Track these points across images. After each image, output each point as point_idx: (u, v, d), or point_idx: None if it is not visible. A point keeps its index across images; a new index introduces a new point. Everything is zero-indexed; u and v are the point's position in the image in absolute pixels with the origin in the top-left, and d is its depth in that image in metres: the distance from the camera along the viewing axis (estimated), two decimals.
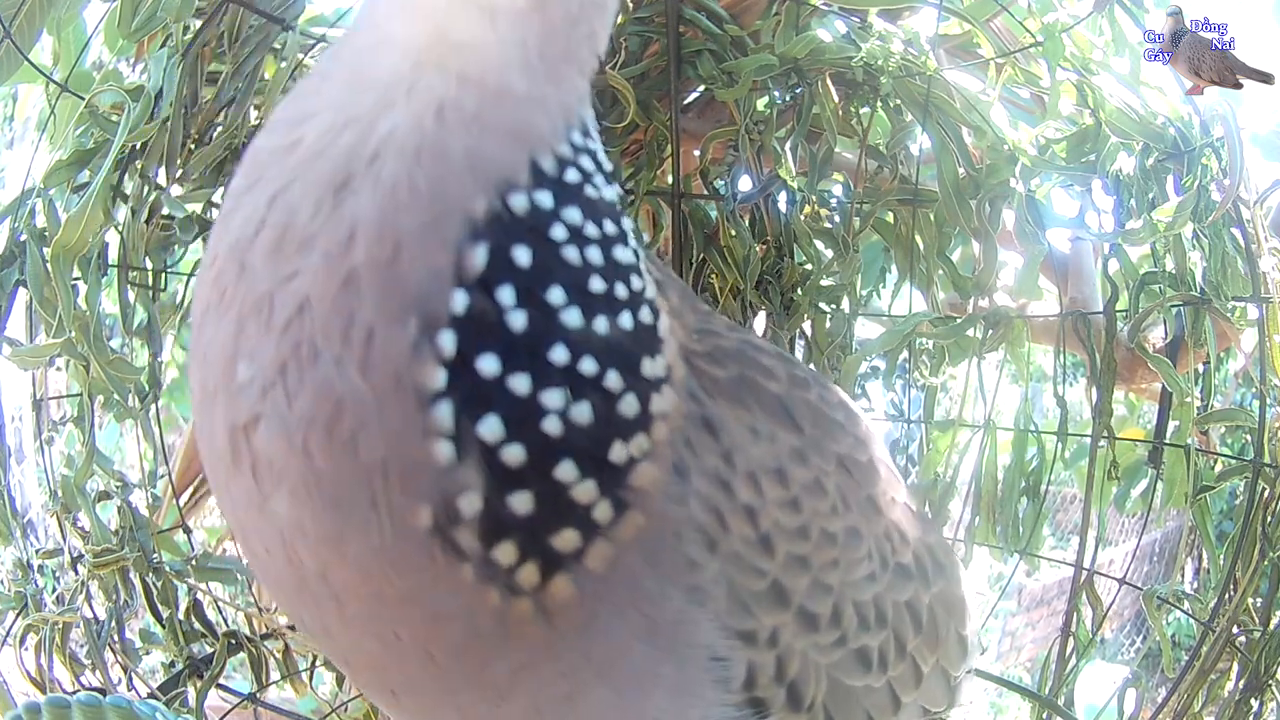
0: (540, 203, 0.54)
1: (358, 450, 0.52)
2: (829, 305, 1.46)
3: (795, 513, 0.67)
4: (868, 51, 1.33)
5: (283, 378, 0.52)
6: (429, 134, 0.52)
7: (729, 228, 1.43)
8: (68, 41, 1.43)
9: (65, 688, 1.38)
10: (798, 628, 0.67)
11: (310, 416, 0.52)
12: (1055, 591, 4.29)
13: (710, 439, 0.63)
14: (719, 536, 0.62)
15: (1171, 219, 1.24)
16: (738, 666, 0.64)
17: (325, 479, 0.52)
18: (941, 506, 1.44)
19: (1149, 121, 1.29)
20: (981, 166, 1.33)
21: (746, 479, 0.64)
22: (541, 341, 0.53)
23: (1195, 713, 1.30)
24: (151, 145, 1.30)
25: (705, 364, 0.66)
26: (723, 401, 0.65)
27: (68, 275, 1.25)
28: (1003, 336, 1.38)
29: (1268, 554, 1.25)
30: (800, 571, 0.67)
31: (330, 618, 0.58)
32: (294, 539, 0.55)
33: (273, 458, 0.53)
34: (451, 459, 0.52)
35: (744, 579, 0.64)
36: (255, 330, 0.53)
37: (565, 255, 0.54)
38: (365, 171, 0.52)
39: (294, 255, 0.53)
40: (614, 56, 1.40)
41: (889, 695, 0.77)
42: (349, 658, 0.64)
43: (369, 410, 0.51)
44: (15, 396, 1.46)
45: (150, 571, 1.37)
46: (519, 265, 0.53)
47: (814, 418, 0.72)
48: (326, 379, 0.52)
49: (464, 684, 0.60)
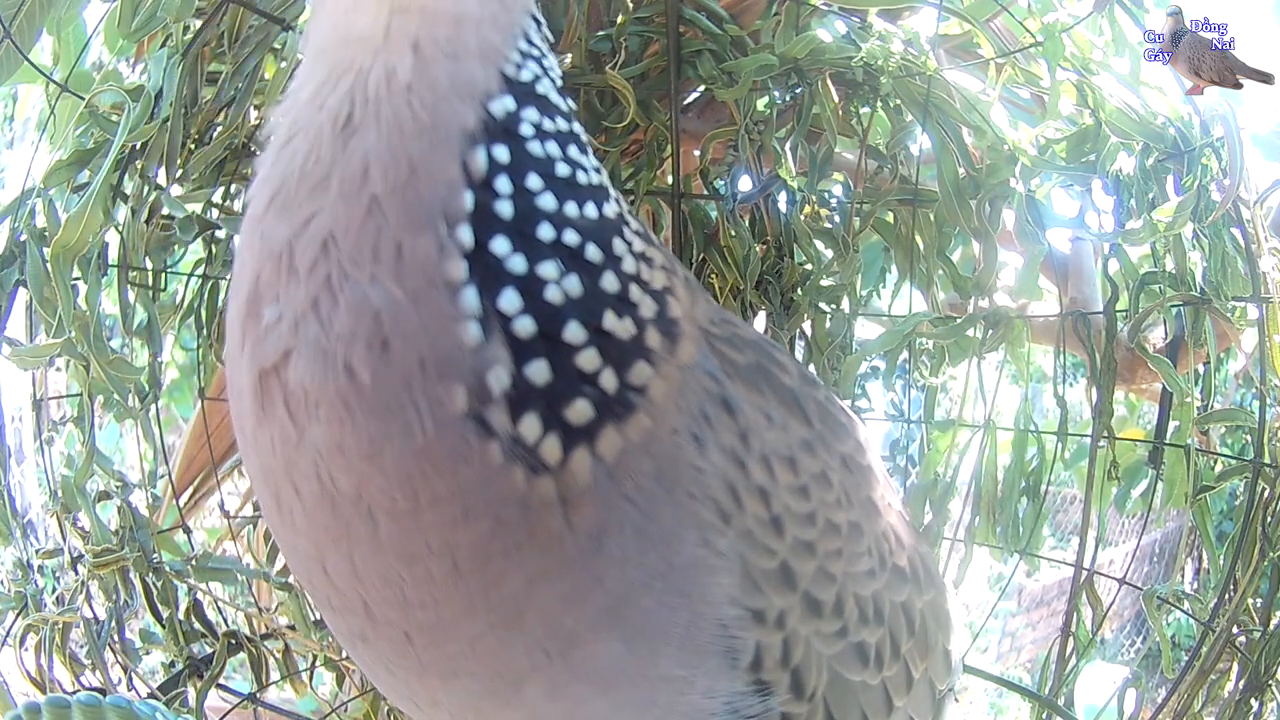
0: (507, 105, 0.61)
1: (396, 353, 0.56)
2: (829, 305, 1.46)
3: (804, 500, 0.70)
4: (868, 51, 1.33)
5: (315, 309, 0.57)
6: (412, 68, 0.58)
7: (729, 228, 1.43)
8: (68, 41, 1.43)
9: (65, 688, 1.38)
10: (803, 613, 0.69)
11: (351, 333, 0.56)
12: (1055, 591, 4.29)
13: (728, 418, 0.67)
14: (732, 511, 0.65)
15: (1171, 219, 1.24)
16: (747, 644, 0.65)
17: (366, 391, 0.57)
18: (941, 506, 1.44)
19: (1149, 121, 1.29)
20: (981, 166, 1.33)
21: (760, 461, 0.67)
22: (530, 222, 0.60)
23: (1195, 713, 1.30)
24: (151, 145, 1.30)
25: (725, 348, 0.70)
26: (740, 385, 0.69)
27: (68, 275, 1.24)
28: (1003, 336, 1.38)
29: (1268, 554, 1.25)
30: (807, 557, 0.69)
31: (361, 546, 0.61)
32: (332, 464, 0.58)
33: (308, 386, 0.58)
34: (479, 338, 0.57)
35: (755, 556, 0.66)
36: (276, 277, 0.58)
37: (531, 148, 0.61)
38: (364, 112, 0.58)
39: (307, 200, 0.59)
40: (614, 56, 1.40)
41: (883, 696, 0.78)
42: (369, 598, 0.64)
43: (406, 313, 0.56)
44: (15, 396, 1.46)
45: (150, 571, 1.37)
46: (501, 161, 0.60)
47: (822, 415, 0.75)
48: (361, 296, 0.56)
49: (482, 602, 0.61)
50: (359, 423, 0.57)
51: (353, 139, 0.58)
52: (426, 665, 0.66)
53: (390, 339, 0.56)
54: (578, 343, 0.59)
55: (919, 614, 0.82)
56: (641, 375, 0.62)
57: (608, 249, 0.62)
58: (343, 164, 0.58)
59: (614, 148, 1.46)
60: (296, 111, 0.62)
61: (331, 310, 0.57)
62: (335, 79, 0.60)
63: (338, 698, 1.53)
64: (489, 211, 0.58)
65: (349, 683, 1.52)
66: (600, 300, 0.61)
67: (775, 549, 0.67)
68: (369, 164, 0.57)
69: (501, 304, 0.57)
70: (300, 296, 0.57)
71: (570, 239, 0.61)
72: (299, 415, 0.58)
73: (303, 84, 0.63)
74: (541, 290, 0.59)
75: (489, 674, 0.64)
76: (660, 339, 0.63)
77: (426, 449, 0.57)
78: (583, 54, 1.40)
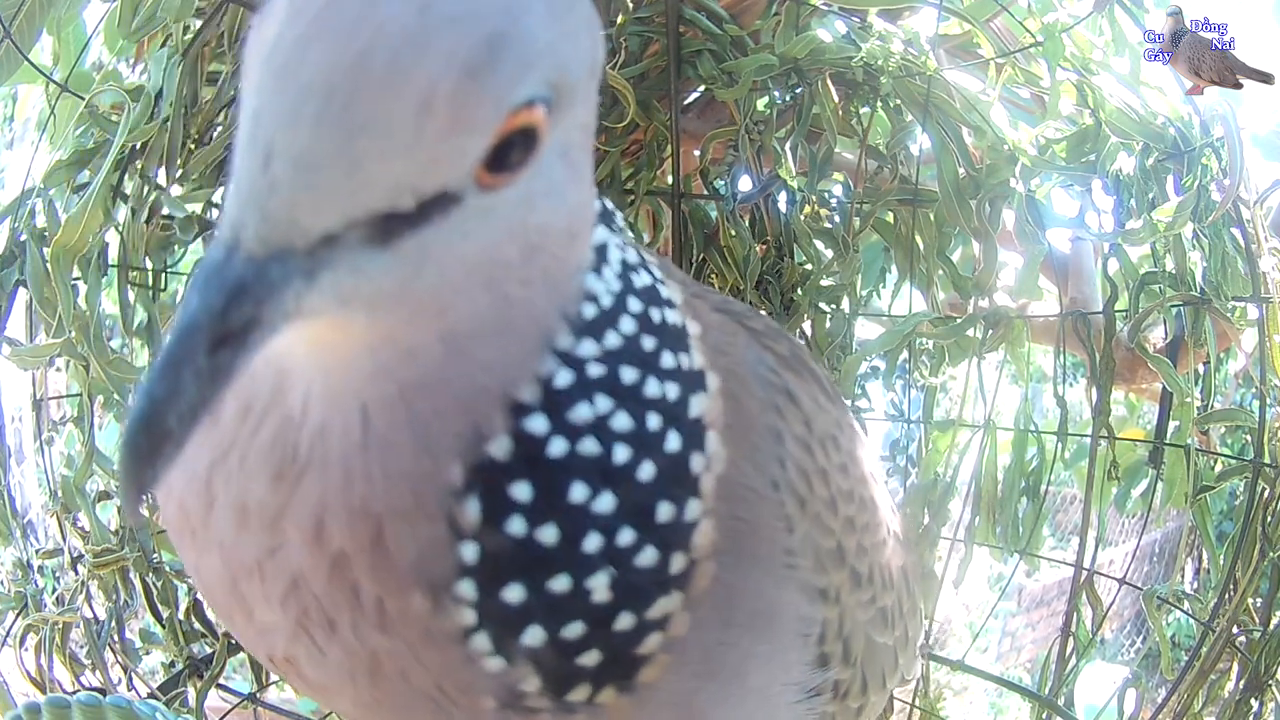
0: (531, 430, 0.50)
1: (408, 680, 0.52)
2: (829, 305, 1.46)
3: (846, 477, 0.71)
4: (868, 51, 1.33)
5: (307, 634, 0.52)
6: (358, 437, 0.48)
7: (729, 228, 1.43)
8: (68, 41, 1.43)
9: (65, 688, 1.38)
10: (850, 586, 0.70)
11: (349, 668, 0.52)
12: (1055, 591, 4.29)
13: (794, 407, 0.66)
14: (807, 497, 0.64)
15: (1171, 219, 1.24)
16: (816, 623, 0.66)
17: (382, 698, 0.54)
18: (941, 506, 1.44)
19: (1149, 121, 1.29)
20: (981, 166, 1.33)
21: (820, 443, 0.68)
22: (572, 542, 0.51)
23: (1195, 713, 1.30)
24: (151, 145, 1.30)
25: (770, 341, 0.70)
26: (789, 374, 0.69)
27: (68, 275, 1.24)
28: (1003, 336, 1.38)
29: (1268, 554, 1.25)
30: (851, 533, 0.71)
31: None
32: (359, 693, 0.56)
33: (325, 684, 0.55)
34: (503, 666, 0.52)
35: (821, 538, 0.66)
36: (256, 593, 0.52)
37: (580, 452, 0.51)
38: (312, 460, 0.49)
39: (268, 531, 0.50)
40: (614, 56, 1.40)
41: (893, 655, 0.81)
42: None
43: (404, 656, 0.51)
44: (15, 396, 1.46)
45: (150, 571, 1.37)
46: (520, 500, 0.50)
47: (835, 392, 0.78)
48: (348, 639, 0.51)
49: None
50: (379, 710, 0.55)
51: (303, 480, 0.49)
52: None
53: (404, 671, 0.52)
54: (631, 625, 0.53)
55: (909, 577, 0.85)
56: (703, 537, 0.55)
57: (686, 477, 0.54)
58: (294, 509, 0.49)
59: (614, 148, 1.46)
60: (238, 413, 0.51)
61: (326, 642, 0.52)
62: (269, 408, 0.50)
63: None
64: (503, 555, 0.50)
65: None
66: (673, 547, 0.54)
67: (834, 528, 0.68)
68: (322, 518, 0.49)
69: (524, 640, 0.51)
70: (285, 624, 0.52)
71: (626, 539, 0.51)
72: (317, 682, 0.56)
73: None
74: (588, 598, 0.51)
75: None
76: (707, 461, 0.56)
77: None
78: None
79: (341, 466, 0.49)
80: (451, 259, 0.43)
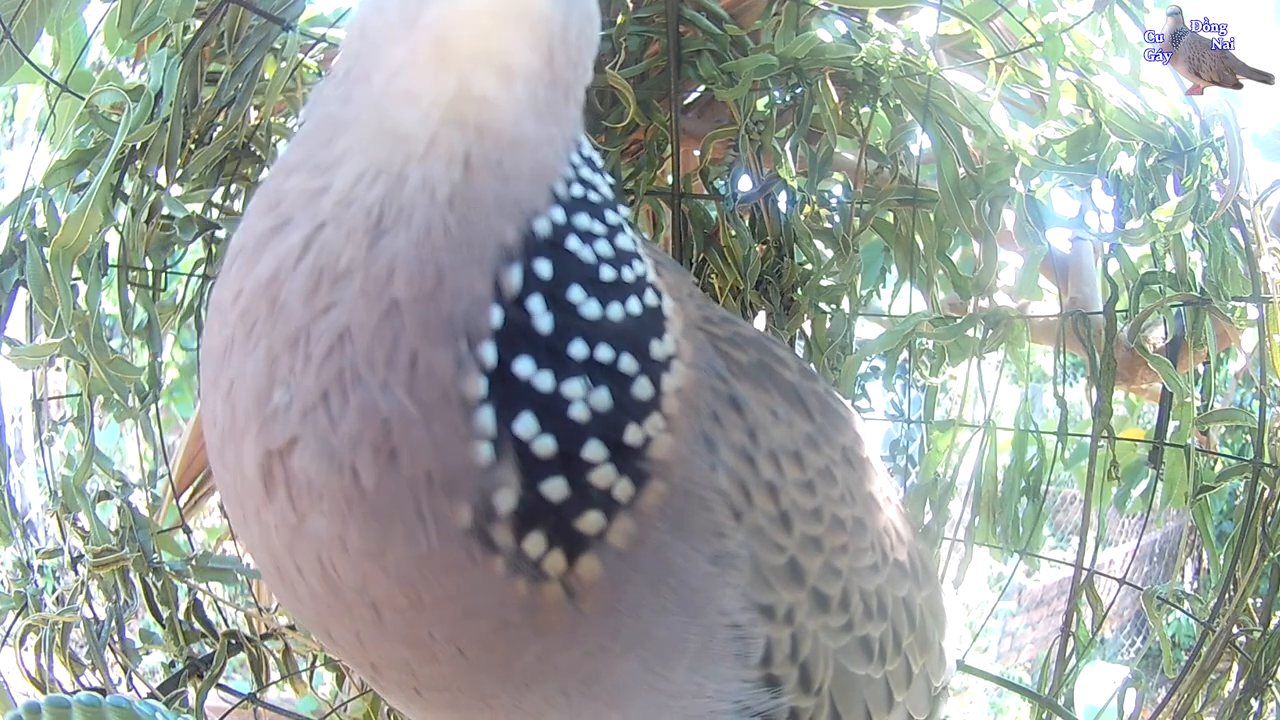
0: (556, 219, 0.59)
1: (403, 464, 0.55)
2: (829, 305, 1.46)
3: (810, 495, 0.71)
4: (868, 51, 1.33)
5: (325, 402, 0.55)
6: (457, 183, 0.56)
7: (729, 228, 1.43)
8: (68, 41, 1.43)
9: (65, 688, 1.38)
10: (811, 608, 0.70)
11: (357, 437, 0.55)
12: (1055, 591, 4.29)
13: (737, 416, 0.67)
14: (744, 508, 0.65)
15: (1171, 219, 1.24)
16: (756, 640, 0.66)
17: (369, 494, 0.55)
18: (941, 506, 1.44)
19: (1149, 121, 1.29)
20: (981, 166, 1.33)
21: (768, 457, 0.68)
22: (564, 339, 0.57)
23: (1195, 713, 1.30)
24: (151, 145, 1.30)
25: (728, 347, 0.71)
26: (746, 383, 0.69)
27: (68, 275, 1.24)
28: (1003, 336, 1.38)
29: (1268, 554, 1.25)
30: (814, 552, 0.70)
31: (365, 628, 0.61)
32: (333, 555, 0.57)
33: (312, 477, 0.56)
34: (490, 459, 0.55)
35: (765, 553, 0.66)
36: (290, 360, 0.56)
37: (580, 257, 0.59)
38: (398, 216, 0.56)
39: (329, 290, 0.56)
40: (614, 56, 1.40)
41: (885, 690, 0.79)
42: (376, 662, 0.65)
43: (416, 426, 0.54)
44: (15, 396, 1.46)
45: (150, 571, 1.37)
46: (542, 276, 0.57)
47: (823, 409, 0.76)
48: (371, 401, 0.55)
49: (491, 676, 0.62)
50: (361, 523, 0.56)
51: (383, 239, 0.56)
52: (438, 708, 0.68)
53: (398, 449, 0.55)
54: (598, 460, 0.58)
55: (919, 609, 0.82)
56: (660, 450, 0.60)
57: (644, 354, 0.60)
58: (368, 262, 0.56)
59: (614, 148, 1.46)
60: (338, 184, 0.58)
61: (341, 408, 0.55)
62: (371, 177, 0.57)
63: (338, 698, 1.53)
64: (518, 329, 0.56)
65: (349, 682, 1.52)
66: (628, 411, 0.59)
67: (784, 545, 0.68)
68: (395, 267, 0.55)
69: (517, 428, 0.56)
70: (311, 385, 0.56)
71: (604, 355, 0.58)
72: (300, 502, 0.57)
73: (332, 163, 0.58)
74: (566, 409, 0.57)
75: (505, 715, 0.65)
76: (675, 401, 0.62)
77: (429, 557, 0.56)
78: None
79: (425, 220, 0.55)
80: None
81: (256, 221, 0.60)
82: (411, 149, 0.56)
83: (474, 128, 0.56)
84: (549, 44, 0.55)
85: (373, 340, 0.55)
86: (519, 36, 0.54)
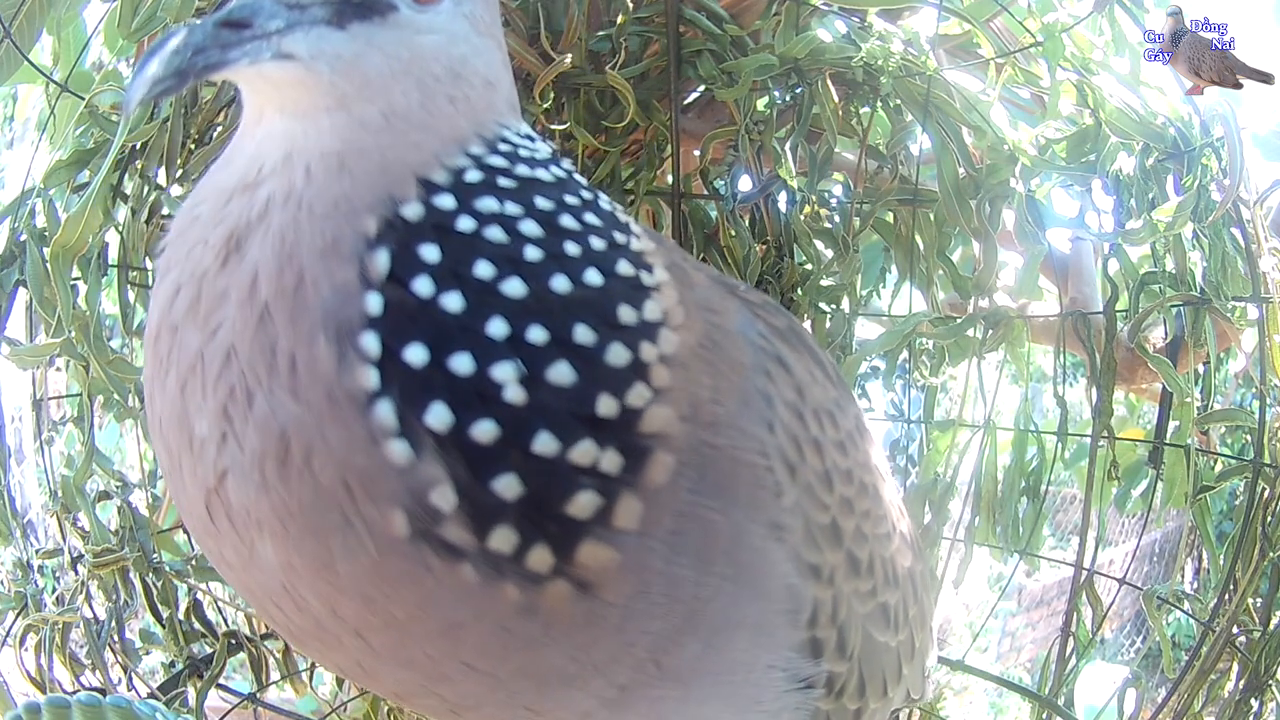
0: (440, 204, 0.59)
1: (314, 471, 0.53)
2: (829, 305, 1.46)
3: (844, 455, 0.71)
4: (868, 51, 1.33)
5: (230, 425, 0.55)
6: (300, 190, 0.58)
7: (729, 228, 1.43)
8: (68, 41, 1.43)
9: (65, 688, 1.38)
10: (847, 570, 0.70)
11: (261, 452, 0.54)
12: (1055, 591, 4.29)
13: (785, 374, 0.67)
14: (798, 464, 0.65)
15: (1171, 219, 1.24)
16: (806, 600, 0.65)
17: (294, 509, 0.54)
18: (941, 506, 1.44)
19: (1149, 121, 1.29)
20: (981, 166, 1.33)
21: (814, 415, 0.68)
22: (478, 318, 0.55)
23: (1195, 713, 1.30)
24: (151, 145, 1.30)
25: (764, 313, 0.71)
26: (783, 344, 0.70)
27: (68, 275, 1.24)
28: (1003, 336, 1.38)
29: (1268, 554, 1.25)
30: (849, 514, 0.70)
31: (362, 655, 0.59)
32: (291, 581, 0.56)
33: (245, 504, 0.55)
34: (409, 456, 0.53)
35: (814, 511, 0.66)
36: (196, 388, 0.56)
37: (486, 236, 0.58)
38: (256, 225, 0.58)
39: (213, 311, 0.57)
40: (614, 56, 1.40)
41: (896, 660, 0.79)
42: (397, 690, 0.64)
43: (311, 430, 0.53)
44: (15, 396, 1.46)
45: (150, 571, 1.37)
46: (428, 260, 0.56)
47: (838, 377, 0.78)
48: (263, 413, 0.54)
49: (520, 685, 0.59)
50: (298, 541, 0.54)
51: (247, 249, 0.57)
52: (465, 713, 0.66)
53: (308, 456, 0.53)
54: (569, 439, 0.54)
55: (918, 582, 0.84)
56: (654, 422, 0.57)
57: (609, 323, 0.58)
58: (238, 273, 0.57)
59: (614, 148, 1.46)
60: (204, 211, 0.61)
61: (243, 427, 0.55)
62: (235, 193, 0.60)
63: (337, 697, 1.53)
64: (406, 315, 0.54)
65: (349, 683, 1.51)
66: (596, 383, 0.56)
67: (828, 503, 0.67)
68: (258, 273, 0.56)
69: (428, 419, 0.53)
70: (214, 410, 0.56)
71: (538, 333, 0.55)
72: (245, 533, 0.56)
73: (207, 194, 0.63)
74: (498, 392, 0.53)
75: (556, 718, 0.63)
76: (664, 371, 0.59)
77: (379, 569, 0.54)
78: (583, 54, 1.40)
79: (278, 223, 0.57)
80: (391, 49, 0.59)
81: (159, 260, 0.64)
82: (267, 164, 0.59)
83: (316, 151, 0.59)
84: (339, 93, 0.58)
85: (252, 350, 0.55)
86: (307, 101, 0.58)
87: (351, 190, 0.58)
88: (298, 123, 0.59)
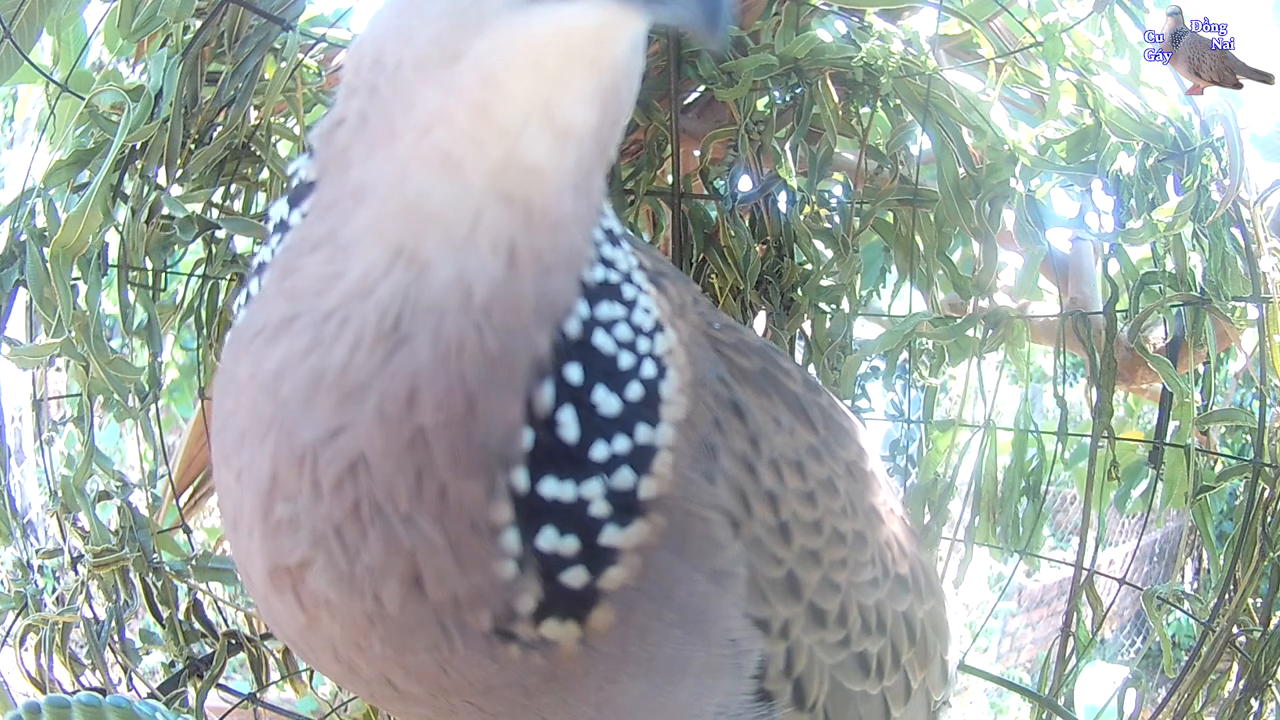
0: (583, 314, 0.54)
1: (429, 590, 0.53)
2: (829, 305, 1.46)
3: (811, 507, 0.69)
4: (868, 51, 1.33)
5: (339, 534, 0.52)
6: (499, 282, 0.48)
7: (729, 228, 1.43)
8: (68, 41, 1.43)
9: (65, 688, 1.38)
10: (807, 622, 0.69)
11: (380, 570, 0.52)
12: (1055, 591, 4.29)
13: (738, 422, 0.65)
14: (742, 518, 0.63)
15: (1171, 219, 1.24)
16: (752, 654, 0.65)
17: (392, 617, 0.54)
18: (941, 506, 1.44)
19: (1149, 121, 1.29)
20: (981, 166, 1.33)
21: (769, 465, 0.66)
22: (586, 445, 0.54)
23: (1195, 713, 1.30)
24: (151, 145, 1.30)
25: (732, 353, 0.69)
26: (749, 389, 0.68)
27: (68, 275, 1.24)
28: (1003, 336, 1.38)
29: (1268, 554, 1.25)
30: (813, 566, 0.69)
31: (380, 699, 0.62)
32: (350, 652, 0.57)
33: (331, 599, 0.54)
34: (514, 573, 0.54)
35: (762, 565, 0.65)
36: (297, 481, 0.52)
37: (604, 351, 0.55)
38: (418, 323, 0.48)
39: (339, 407, 0.50)
40: None
41: (882, 706, 0.78)
42: (398, 712, 0.67)
43: (443, 556, 0.52)
44: (15, 396, 1.46)
45: (150, 571, 1.37)
46: (572, 383, 0.53)
47: (826, 420, 0.74)
48: (394, 535, 0.52)
49: (510, 718, 0.62)
50: (383, 638, 0.55)
51: (400, 351, 0.49)
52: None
53: (423, 578, 0.53)
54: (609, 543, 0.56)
55: (920, 623, 0.81)
56: (649, 488, 0.58)
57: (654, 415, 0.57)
58: (384, 379, 0.49)
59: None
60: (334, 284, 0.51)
61: (359, 541, 0.52)
62: (388, 264, 0.48)
63: (337, 697, 1.53)
64: (546, 450, 0.53)
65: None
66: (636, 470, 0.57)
67: (782, 557, 0.66)
68: (417, 388, 0.49)
69: (540, 542, 0.54)
70: (323, 515, 0.52)
71: (621, 445, 0.55)
72: (313, 610, 0.56)
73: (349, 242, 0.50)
74: (586, 509, 0.55)
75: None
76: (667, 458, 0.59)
77: (451, 659, 0.55)
78: None
79: (456, 331, 0.48)
80: None
81: (274, 301, 0.55)
82: (446, 233, 0.47)
83: (522, 206, 0.47)
84: (605, 97, 0.48)
85: (395, 472, 0.50)
86: (586, 83, 0.46)
87: (541, 295, 0.50)
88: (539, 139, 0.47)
